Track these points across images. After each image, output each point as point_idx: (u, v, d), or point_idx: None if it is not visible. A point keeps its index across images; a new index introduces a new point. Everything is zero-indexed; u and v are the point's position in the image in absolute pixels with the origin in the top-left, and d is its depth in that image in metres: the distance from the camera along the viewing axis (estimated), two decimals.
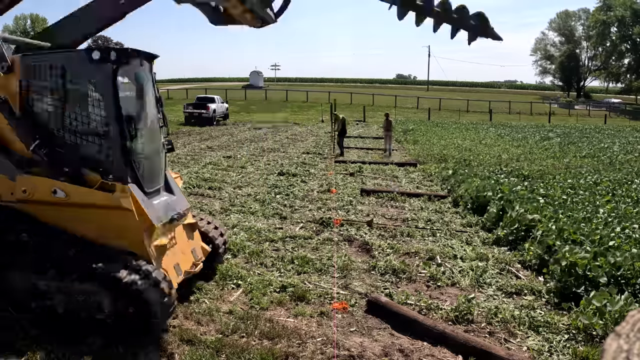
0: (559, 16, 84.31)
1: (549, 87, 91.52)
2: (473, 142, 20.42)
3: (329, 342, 4.19)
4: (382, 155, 17.20)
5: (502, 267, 6.18)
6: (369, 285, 5.56)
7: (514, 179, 10.85)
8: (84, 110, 4.26)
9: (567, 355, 4.16)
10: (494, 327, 4.64)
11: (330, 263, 6.14)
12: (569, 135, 26.21)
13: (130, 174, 4.32)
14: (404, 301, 5.08)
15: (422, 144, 19.14)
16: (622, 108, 59.86)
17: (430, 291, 5.48)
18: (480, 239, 7.35)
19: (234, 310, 4.78)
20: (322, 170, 13.44)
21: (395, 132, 25.71)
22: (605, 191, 9.75)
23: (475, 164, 13.31)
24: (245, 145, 18.94)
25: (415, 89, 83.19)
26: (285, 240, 6.99)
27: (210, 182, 11.03)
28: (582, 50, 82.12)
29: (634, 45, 69.45)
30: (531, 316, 4.78)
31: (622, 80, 76.36)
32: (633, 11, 67.10)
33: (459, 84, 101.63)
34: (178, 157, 15.05)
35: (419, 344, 4.29)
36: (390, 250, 6.66)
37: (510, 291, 5.46)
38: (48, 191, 4.17)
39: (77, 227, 4.25)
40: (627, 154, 17.80)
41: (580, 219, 7.01)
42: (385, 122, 17.84)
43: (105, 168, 4.25)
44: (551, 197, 8.62)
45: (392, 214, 8.78)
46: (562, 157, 16.42)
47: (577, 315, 4.61)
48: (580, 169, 13.43)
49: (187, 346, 4.13)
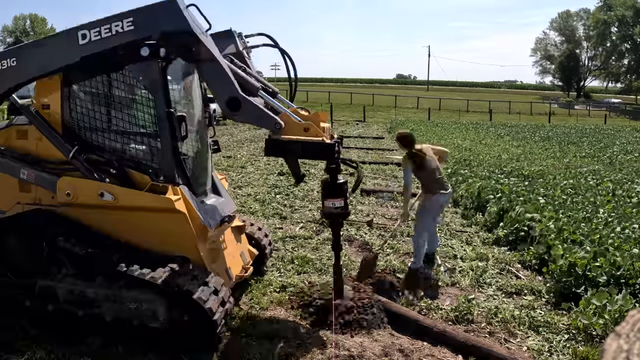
0: (560, 16, 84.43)
1: (549, 87, 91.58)
2: (473, 142, 20.41)
3: (329, 342, 4.19)
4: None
5: (502, 267, 6.18)
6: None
7: (514, 179, 10.85)
8: (132, 110, 4.14)
9: (567, 355, 4.16)
10: (494, 327, 4.64)
11: (330, 263, 6.14)
12: (569, 135, 26.22)
13: (181, 175, 4.14)
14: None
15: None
16: (622, 108, 59.88)
17: (430, 291, 5.47)
18: (480, 239, 7.35)
19: (234, 310, 4.77)
20: (321, 170, 13.45)
21: (395, 131, 25.73)
22: (605, 191, 9.75)
23: (475, 163, 13.31)
24: (245, 145, 18.94)
25: (415, 89, 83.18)
26: (285, 240, 6.99)
27: None
28: (582, 51, 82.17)
29: (635, 45, 69.46)
30: (531, 316, 4.78)
31: (622, 80, 76.41)
32: (635, 11, 67.09)
33: (459, 84, 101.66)
34: None
35: (419, 344, 4.29)
36: (390, 250, 6.66)
37: (510, 291, 5.46)
38: (94, 194, 3.96)
39: (124, 231, 4.07)
40: (627, 154, 17.81)
41: (580, 219, 7.01)
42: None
43: (155, 169, 4.08)
44: (551, 197, 8.62)
45: (392, 214, 8.79)
46: (562, 157, 16.42)
47: (577, 315, 4.61)
48: (580, 168, 13.43)
49: None
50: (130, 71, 4.09)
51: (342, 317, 4.44)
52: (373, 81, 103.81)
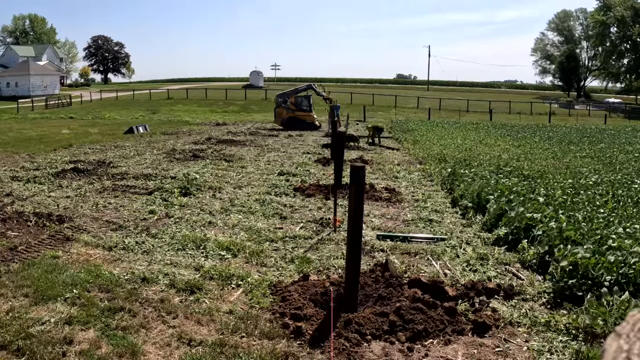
0: (557, 16, 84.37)
1: (549, 87, 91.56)
2: (473, 142, 20.41)
3: (329, 341, 4.19)
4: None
5: (502, 267, 6.18)
6: None
7: (514, 179, 10.84)
8: None
9: (567, 355, 4.16)
10: (494, 328, 4.63)
11: (330, 263, 6.14)
12: (569, 135, 26.21)
13: None
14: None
15: (422, 144, 19.14)
16: (622, 108, 59.89)
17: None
18: (480, 239, 7.35)
19: (234, 310, 4.78)
20: (322, 170, 13.45)
21: (395, 132, 25.73)
22: (605, 191, 9.75)
23: (475, 163, 13.31)
24: (246, 146, 18.94)
25: (415, 88, 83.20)
26: (285, 240, 7.00)
27: (210, 182, 11.03)
28: (582, 50, 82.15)
29: (634, 45, 69.41)
30: (531, 316, 4.78)
31: (622, 80, 76.37)
32: (634, 11, 67.03)
33: (459, 84, 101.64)
34: (178, 157, 15.06)
35: (419, 343, 4.29)
36: (390, 250, 6.66)
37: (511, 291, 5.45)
38: None
39: None
40: (627, 154, 17.81)
41: (581, 219, 7.01)
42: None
43: None
44: (551, 197, 8.62)
45: (392, 213, 8.79)
46: (562, 157, 16.42)
47: (577, 315, 4.61)
48: (580, 168, 13.43)
49: (187, 346, 4.13)
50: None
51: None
52: (373, 81, 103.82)
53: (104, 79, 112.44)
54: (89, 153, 16.00)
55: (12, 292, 4.94)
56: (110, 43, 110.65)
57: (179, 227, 7.52)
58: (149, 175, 11.86)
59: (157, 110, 44.68)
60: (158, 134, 23.51)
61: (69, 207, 8.64)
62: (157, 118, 36.60)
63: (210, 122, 32.73)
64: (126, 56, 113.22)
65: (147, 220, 7.88)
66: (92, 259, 6.07)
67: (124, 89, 73.72)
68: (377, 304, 4.92)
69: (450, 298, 5.03)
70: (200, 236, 6.95)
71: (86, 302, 4.75)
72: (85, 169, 12.45)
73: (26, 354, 3.84)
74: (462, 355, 4.12)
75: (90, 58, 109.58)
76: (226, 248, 6.49)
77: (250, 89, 66.81)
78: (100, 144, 18.67)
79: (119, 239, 6.86)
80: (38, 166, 12.89)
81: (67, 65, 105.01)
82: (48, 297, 4.83)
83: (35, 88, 64.23)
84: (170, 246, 6.63)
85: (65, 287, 5.07)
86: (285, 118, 27.60)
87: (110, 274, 5.54)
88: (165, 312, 4.70)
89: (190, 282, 5.36)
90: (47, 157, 14.71)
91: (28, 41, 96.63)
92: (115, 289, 5.13)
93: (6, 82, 66.17)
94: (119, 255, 6.25)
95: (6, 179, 10.97)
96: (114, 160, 14.38)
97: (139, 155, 15.60)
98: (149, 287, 5.27)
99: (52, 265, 5.67)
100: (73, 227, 7.37)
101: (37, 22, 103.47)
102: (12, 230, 7.11)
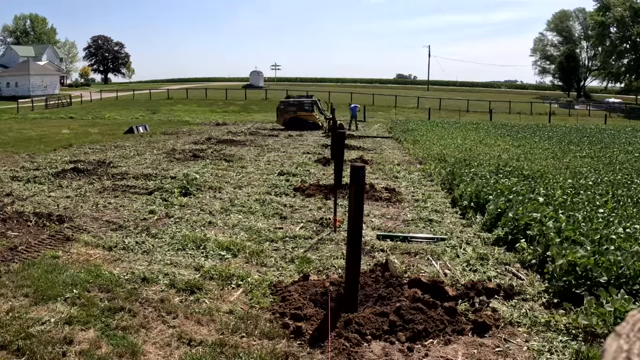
0: (555, 16, 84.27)
1: (548, 87, 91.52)
2: (473, 142, 20.41)
3: (328, 342, 4.19)
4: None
5: (502, 267, 6.18)
6: None
7: (514, 179, 10.84)
8: None
9: (567, 355, 4.16)
10: (494, 328, 4.63)
11: (330, 263, 6.14)
12: (569, 135, 26.20)
13: None
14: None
15: (422, 144, 19.14)
16: (622, 108, 59.89)
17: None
18: (480, 239, 7.35)
19: (234, 310, 4.78)
20: (322, 170, 13.45)
21: (395, 131, 25.71)
22: (605, 191, 9.75)
23: (475, 163, 13.30)
24: (246, 146, 18.94)
25: (415, 88, 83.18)
26: (285, 240, 7.00)
27: (210, 182, 11.03)
28: (582, 50, 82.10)
29: (634, 45, 69.39)
30: (531, 316, 4.78)
31: (622, 80, 76.35)
32: (634, 11, 67.01)
33: (459, 84, 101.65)
34: (178, 157, 15.06)
35: (419, 343, 4.29)
36: (390, 250, 6.66)
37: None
38: None
39: None
40: (627, 153, 17.80)
41: (580, 219, 7.01)
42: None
43: None
44: (551, 197, 8.62)
45: (392, 213, 8.79)
46: (562, 157, 16.42)
47: (577, 315, 4.61)
48: (580, 168, 13.42)
49: (187, 346, 4.13)
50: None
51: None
52: (373, 81, 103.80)
53: (104, 79, 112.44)
54: (89, 153, 16.01)
55: (12, 292, 4.94)
56: (110, 43, 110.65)
57: (179, 227, 7.52)
58: (149, 175, 11.87)
59: (157, 110, 44.68)
60: (158, 134, 23.51)
61: (69, 207, 8.64)
62: (157, 118, 36.61)
63: (210, 122, 32.74)
64: (126, 56, 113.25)
65: (147, 220, 7.88)
66: (92, 259, 6.07)
67: (124, 89, 73.72)
68: (377, 304, 4.92)
69: (450, 298, 5.03)
70: (200, 236, 6.95)
71: (86, 302, 4.75)
72: (85, 169, 12.46)
73: (26, 354, 3.84)
74: (462, 355, 4.13)
75: (90, 58, 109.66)
76: (226, 248, 6.49)
77: (250, 89, 66.80)
78: (100, 144, 18.68)
79: (119, 239, 6.87)
80: (38, 166, 12.89)
81: (67, 65, 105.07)
82: (48, 297, 4.83)
83: (35, 88, 64.23)
84: (170, 246, 6.63)
85: (65, 287, 5.07)
86: (287, 118, 27.63)
87: (110, 274, 5.55)
88: (165, 312, 4.70)
89: (190, 282, 5.36)
90: (47, 157, 14.71)
91: (28, 41, 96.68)
92: (115, 289, 5.13)
93: (6, 82, 66.17)
94: (119, 255, 6.25)
95: (6, 179, 10.98)
96: (114, 160, 14.38)
97: (139, 155, 15.61)
98: (149, 287, 5.27)
99: (52, 265, 5.67)
100: (73, 227, 7.37)
101: (38, 22, 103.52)
102: (12, 230, 7.11)
